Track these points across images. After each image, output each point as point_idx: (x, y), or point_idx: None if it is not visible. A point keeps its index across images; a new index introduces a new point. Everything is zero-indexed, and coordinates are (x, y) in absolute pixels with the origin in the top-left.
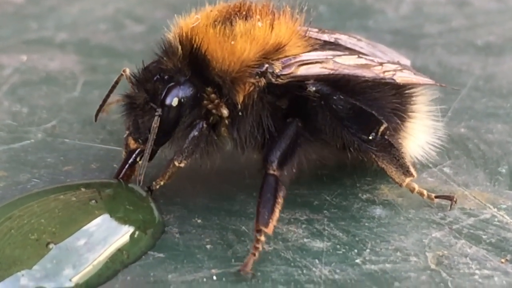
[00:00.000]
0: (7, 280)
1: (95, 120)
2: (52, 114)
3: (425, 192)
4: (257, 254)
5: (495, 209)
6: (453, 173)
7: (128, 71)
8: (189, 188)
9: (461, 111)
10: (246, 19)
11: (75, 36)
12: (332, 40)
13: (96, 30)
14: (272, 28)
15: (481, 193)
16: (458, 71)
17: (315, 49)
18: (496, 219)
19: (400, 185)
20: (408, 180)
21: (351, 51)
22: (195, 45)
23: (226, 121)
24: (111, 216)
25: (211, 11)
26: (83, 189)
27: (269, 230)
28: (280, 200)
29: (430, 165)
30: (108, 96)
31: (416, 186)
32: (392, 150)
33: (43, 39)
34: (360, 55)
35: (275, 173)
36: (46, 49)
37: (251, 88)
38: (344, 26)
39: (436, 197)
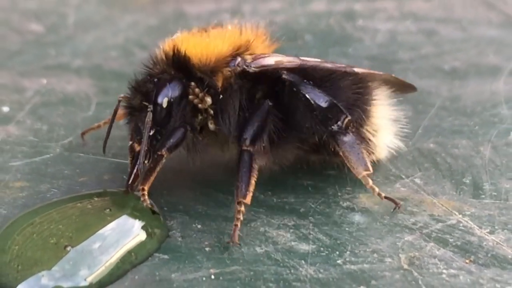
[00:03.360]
0: (30, 279)
1: (104, 152)
2: (69, 131)
3: (376, 189)
4: (239, 224)
5: (460, 216)
6: (423, 183)
7: (123, 96)
8: (190, 197)
9: (430, 129)
10: (218, 28)
11: (90, 62)
12: None
13: (108, 57)
14: (241, 32)
15: (448, 201)
16: (428, 93)
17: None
18: (461, 225)
19: (357, 177)
20: (365, 173)
21: None
22: (175, 49)
23: (211, 111)
24: (121, 222)
25: (191, 30)
26: (97, 198)
27: (248, 200)
28: (255, 173)
29: (403, 176)
30: (110, 126)
31: (370, 181)
32: (354, 143)
33: (61, 64)
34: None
35: (249, 148)
36: (63, 73)
37: (228, 74)
38: (326, 52)
39: (385, 197)
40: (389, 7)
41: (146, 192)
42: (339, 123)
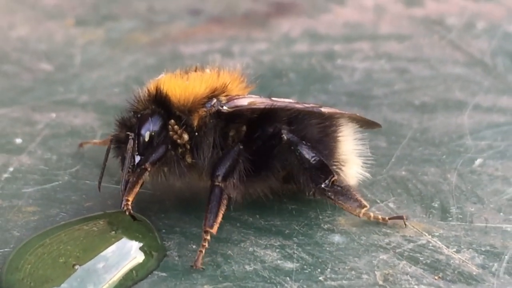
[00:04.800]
0: None
1: (99, 190)
2: (76, 160)
3: (379, 216)
4: (203, 250)
5: (430, 236)
6: (396, 207)
7: (113, 135)
8: (186, 220)
9: (402, 158)
10: (198, 71)
11: (94, 98)
12: None
13: (111, 93)
14: (218, 76)
15: (419, 223)
16: (400, 125)
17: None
18: (430, 244)
19: (358, 216)
20: (363, 210)
21: None
22: (158, 89)
23: (188, 146)
24: (124, 244)
25: (173, 72)
26: (101, 221)
27: (214, 230)
28: (223, 207)
29: (378, 201)
30: (104, 164)
31: (372, 214)
32: (342, 192)
33: (69, 100)
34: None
35: (220, 184)
36: (71, 108)
37: (204, 114)
38: (308, 89)
39: (389, 218)
40: (365, 48)
41: (129, 203)
42: (326, 181)
